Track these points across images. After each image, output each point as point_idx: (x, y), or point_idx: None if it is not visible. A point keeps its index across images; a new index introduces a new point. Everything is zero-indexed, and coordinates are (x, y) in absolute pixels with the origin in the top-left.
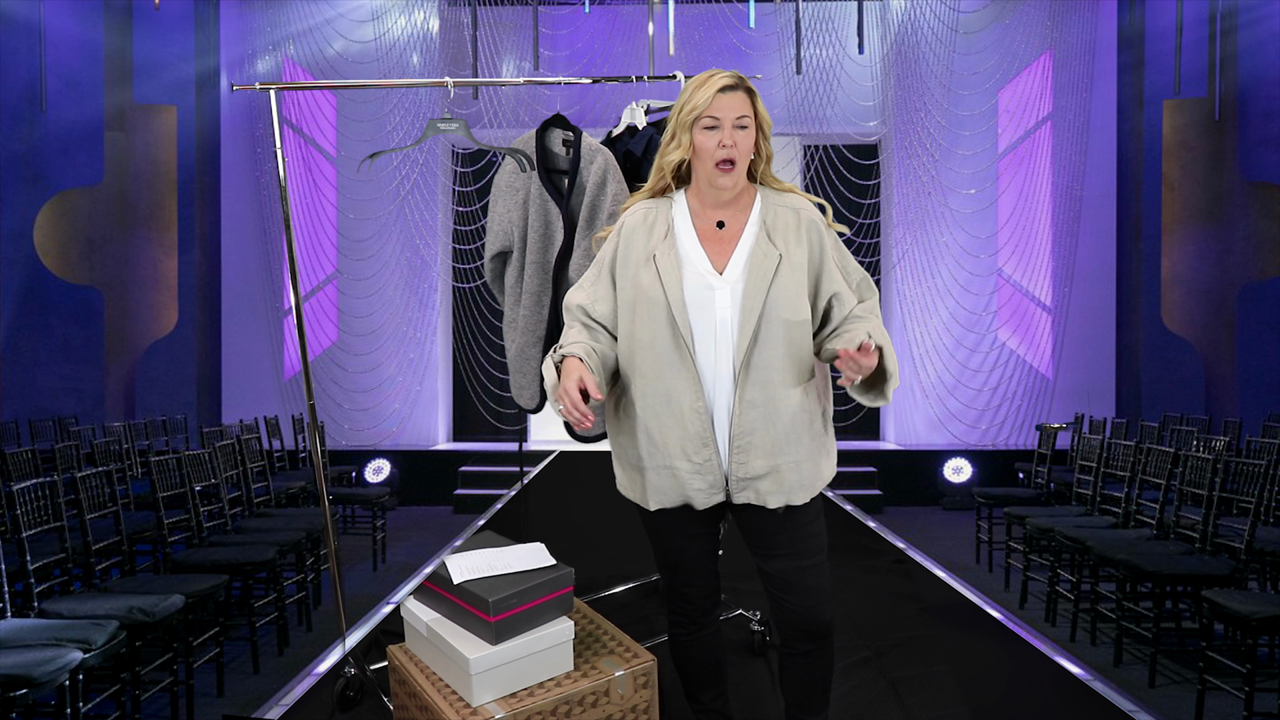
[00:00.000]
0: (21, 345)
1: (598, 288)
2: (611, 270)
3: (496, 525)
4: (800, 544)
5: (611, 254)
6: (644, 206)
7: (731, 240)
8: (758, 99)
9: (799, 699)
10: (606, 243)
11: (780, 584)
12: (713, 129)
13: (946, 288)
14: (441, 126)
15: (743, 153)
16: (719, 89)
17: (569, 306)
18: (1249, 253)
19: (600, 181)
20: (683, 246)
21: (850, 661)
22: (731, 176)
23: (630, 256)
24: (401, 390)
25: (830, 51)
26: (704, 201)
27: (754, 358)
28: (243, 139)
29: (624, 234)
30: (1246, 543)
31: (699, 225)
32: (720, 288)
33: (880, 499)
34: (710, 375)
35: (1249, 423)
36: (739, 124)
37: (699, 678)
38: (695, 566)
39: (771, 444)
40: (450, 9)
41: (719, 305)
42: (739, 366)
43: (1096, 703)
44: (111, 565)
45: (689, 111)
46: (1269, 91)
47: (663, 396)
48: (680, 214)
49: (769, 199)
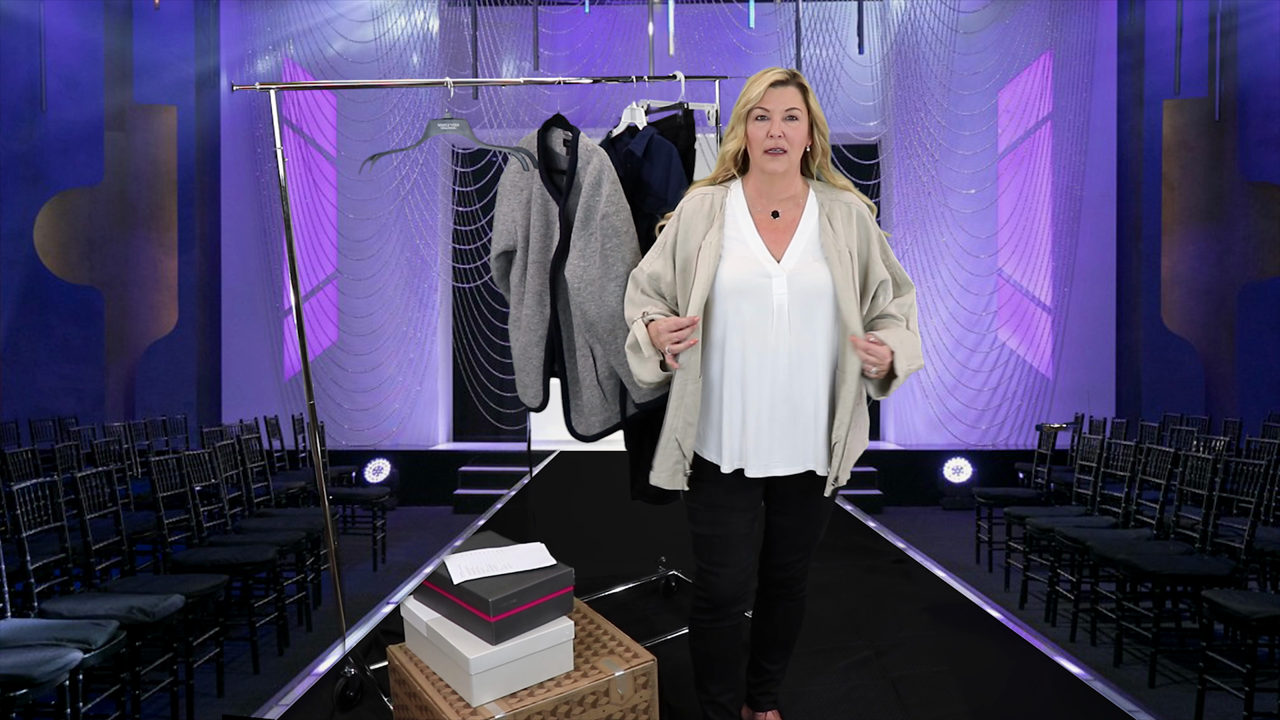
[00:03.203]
0: (21, 345)
1: (662, 263)
2: (672, 252)
3: (496, 525)
4: (820, 513)
5: (673, 237)
6: (702, 193)
7: (788, 230)
8: (811, 95)
9: (762, 643)
10: (668, 226)
11: (781, 534)
12: (763, 119)
13: (946, 288)
14: (442, 126)
15: (792, 142)
16: (770, 83)
17: (638, 277)
18: (1249, 253)
19: (595, 182)
20: (740, 233)
21: (850, 661)
22: (780, 161)
23: (690, 240)
24: (401, 390)
25: (830, 51)
26: (759, 191)
27: (816, 342)
28: (243, 139)
29: (684, 218)
30: (1246, 543)
31: (755, 214)
32: (777, 275)
33: (880, 499)
34: (765, 358)
35: (1249, 423)
36: (789, 116)
37: (712, 669)
38: (735, 542)
39: (849, 421)
40: (450, 9)
41: (775, 291)
42: (798, 350)
43: (1096, 703)
44: (111, 565)
45: (743, 104)
46: (1269, 91)
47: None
48: (737, 202)
49: (824, 193)
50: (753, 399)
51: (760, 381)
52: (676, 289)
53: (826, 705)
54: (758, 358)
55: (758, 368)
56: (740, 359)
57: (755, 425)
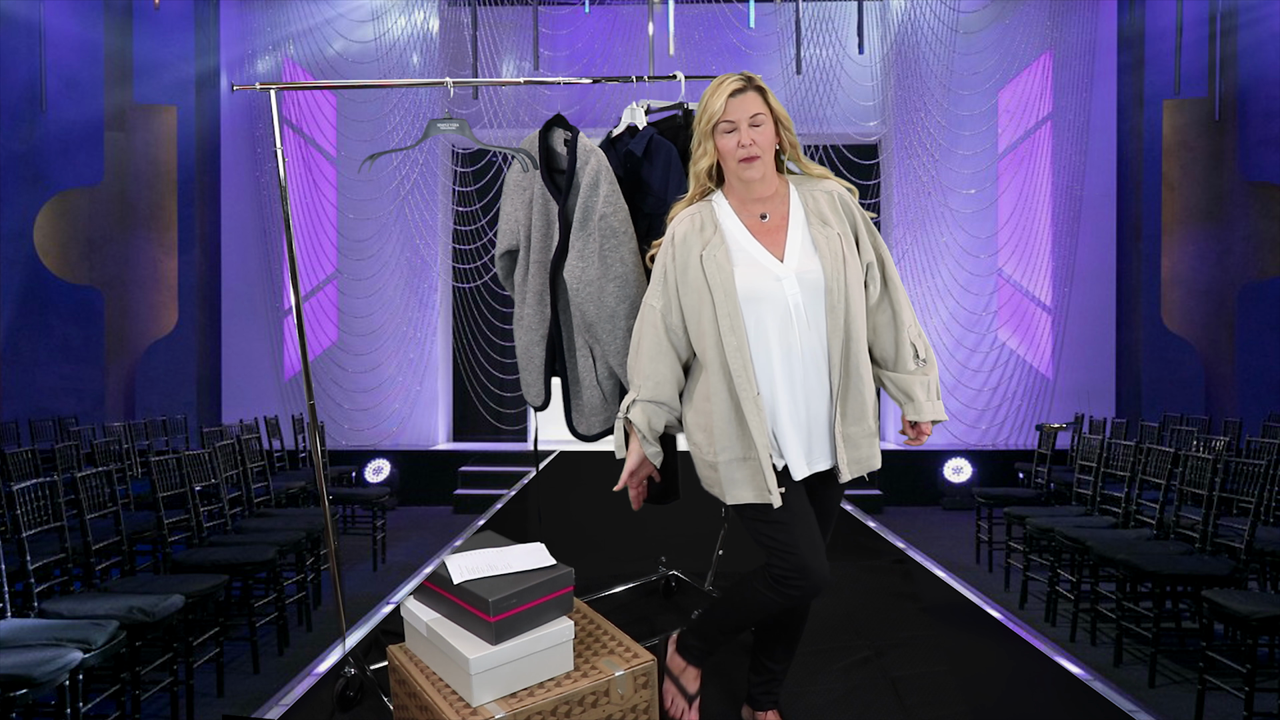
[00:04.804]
0: (21, 345)
1: (665, 298)
2: (674, 281)
3: (496, 525)
4: (833, 506)
5: (669, 264)
6: (689, 213)
7: (779, 230)
8: (770, 95)
9: (767, 642)
10: (660, 254)
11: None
12: (730, 132)
13: (946, 288)
14: (441, 126)
15: (762, 147)
16: (729, 94)
17: (645, 314)
18: (1249, 253)
19: (593, 183)
20: (737, 242)
21: (850, 661)
22: (757, 167)
23: (690, 261)
24: (401, 390)
25: (830, 51)
26: (742, 199)
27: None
28: (243, 139)
29: (677, 242)
30: (1246, 543)
31: (745, 220)
32: (785, 276)
33: (880, 499)
34: (791, 360)
35: (1249, 423)
36: (754, 122)
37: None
38: (803, 514)
39: (860, 413)
40: (450, 9)
41: (788, 292)
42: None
43: (1096, 703)
44: (111, 565)
45: (707, 120)
46: (1269, 91)
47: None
48: (724, 212)
49: (803, 186)
50: (784, 403)
51: (791, 384)
52: (685, 318)
53: (826, 705)
54: (785, 361)
55: (786, 371)
56: (767, 366)
57: (794, 428)
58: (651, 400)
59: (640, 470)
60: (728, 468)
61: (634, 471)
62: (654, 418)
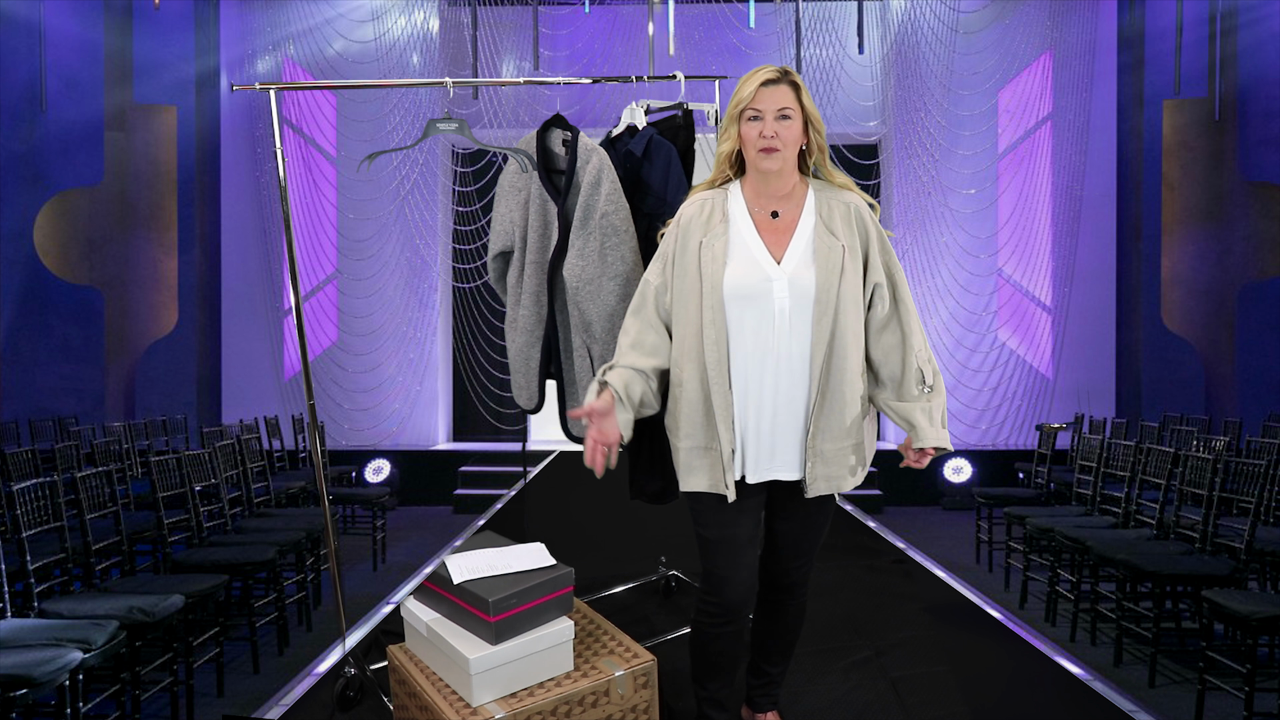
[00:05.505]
0: (21, 345)
1: (663, 278)
2: (673, 263)
3: (496, 525)
4: (821, 517)
5: (672, 245)
6: (701, 197)
7: (787, 231)
8: (804, 92)
9: (763, 646)
10: (667, 235)
11: (784, 539)
12: (756, 119)
13: (946, 288)
14: (441, 126)
15: (785, 141)
16: (762, 82)
17: (641, 287)
18: (1249, 253)
19: (595, 181)
20: (740, 235)
21: (850, 661)
22: (775, 159)
23: (688, 247)
24: (401, 390)
25: (830, 51)
26: (757, 191)
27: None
28: (243, 139)
29: (682, 225)
30: (1246, 543)
31: (755, 215)
32: (779, 278)
33: (880, 499)
34: (766, 363)
35: (1249, 423)
36: (781, 115)
37: (715, 668)
38: (742, 545)
39: (838, 430)
40: (450, 9)
41: (777, 295)
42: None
43: (1096, 703)
44: (111, 565)
45: (735, 105)
46: (1269, 91)
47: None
48: (736, 204)
49: (823, 192)
50: (753, 404)
51: (761, 386)
52: (673, 300)
53: (826, 705)
54: (759, 363)
55: (759, 373)
56: (742, 364)
57: (755, 430)
58: (631, 367)
59: (607, 426)
60: (688, 454)
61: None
62: (631, 384)
